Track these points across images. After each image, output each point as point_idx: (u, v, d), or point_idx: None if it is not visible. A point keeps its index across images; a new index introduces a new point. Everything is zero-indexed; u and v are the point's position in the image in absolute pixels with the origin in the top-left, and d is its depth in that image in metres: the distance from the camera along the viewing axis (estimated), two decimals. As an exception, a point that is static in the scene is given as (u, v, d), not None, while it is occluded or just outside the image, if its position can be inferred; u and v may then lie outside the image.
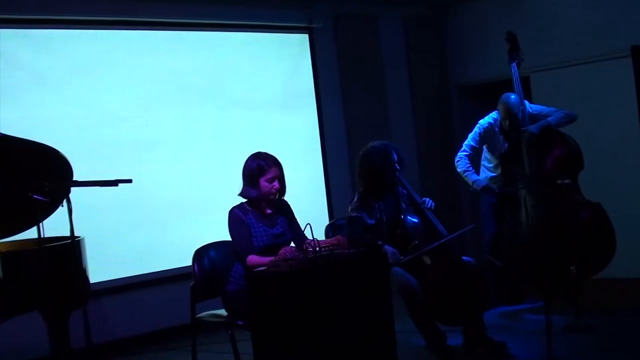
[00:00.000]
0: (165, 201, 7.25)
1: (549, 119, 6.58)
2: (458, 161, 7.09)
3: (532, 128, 6.50)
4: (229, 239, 5.12)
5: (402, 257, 5.50)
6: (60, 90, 6.74)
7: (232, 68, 7.82)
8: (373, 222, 5.55)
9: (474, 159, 7.15)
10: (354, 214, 5.60)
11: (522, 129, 6.52)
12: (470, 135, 7.12)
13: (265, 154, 5.18)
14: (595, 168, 6.88)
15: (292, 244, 5.13)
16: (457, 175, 7.18)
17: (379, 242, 5.36)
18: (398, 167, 5.73)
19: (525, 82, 7.93)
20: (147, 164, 7.14)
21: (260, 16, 8.01)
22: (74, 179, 4.90)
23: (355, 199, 5.75)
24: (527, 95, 7.85)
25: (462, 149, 7.12)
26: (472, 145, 7.07)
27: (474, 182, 6.99)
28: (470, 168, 7.03)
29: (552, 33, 8.28)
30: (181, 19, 7.48)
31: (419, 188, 7.89)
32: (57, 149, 4.87)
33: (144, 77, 7.24)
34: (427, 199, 5.85)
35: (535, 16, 8.42)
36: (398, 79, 9.19)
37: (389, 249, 5.43)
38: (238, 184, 5.17)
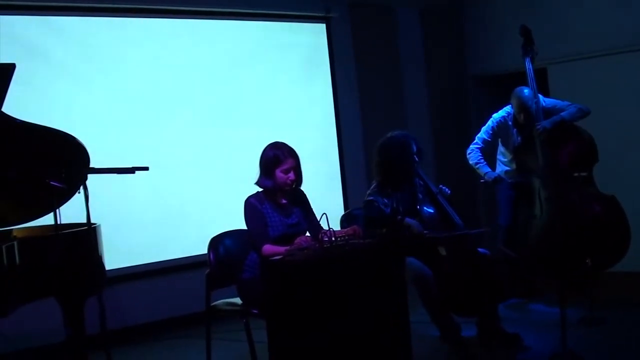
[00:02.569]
0: (181, 189, 7.28)
1: (562, 114, 6.57)
2: (470, 153, 7.10)
3: (545, 123, 6.48)
4: (245, 227, 5.13)
5: (426, 232, 5.49)
6: (78, 77, 6.76)
7: (248, 58, 7.81)
8: (388, 210, 5.54)
9: (488, 153, 7.14)
10: (370, 198, 5.61)
11: (536, 124, 6.50)
12: (484, 129, 7.12)
13: (283, 144, 5.18)
14: (611, 161, 6.86)
15: (308, 234, 5.14)
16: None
17: (399, 217, 5.37)
18: (417, 159, 5.72)
19: (542, 74, 7.92)
20: (164, 152, 7.16)
21: (277, 5, 7.99)
22: (91, 165, 4.91)
23: (373, 186, 5.74)
24: (544, 87, 7.84)
25: (475, 141, 7.13)
26: (485, 139, 7.08)
27: (485, 173, 7.00)
28: (482, 160, 7.04)
29: (570, 25, 8.24)
30: (198, 7, 7.48)
31: (434, 179, 7.87)
32: (74, 135, 4.88)
33: (160, 65, 7.24)
34: (443, 187, 5.84)
35: (553, 8, 8.38)
36: (414, 69, 9.18)
37: (410, 220, 5.44)
38: (254, 172, 5.18)
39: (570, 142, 6.49)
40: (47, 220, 4.92)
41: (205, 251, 5.32)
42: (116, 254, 6.36)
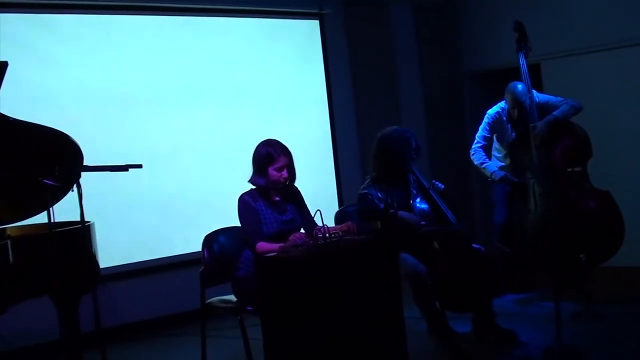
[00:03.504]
0: (175, 186, 7.27)
1: (555, 112, 6.55)
2: (473, 154, 7.09)
3: (540, 124, 6.48)
4: (239, 225, 5.13)
5: (423, 222, 5.49)
6: (71, 75, 6.76)
7: (241, 54, 7.80)
8: (382, 205, 5.54)
9: (488, 149, 7.14)
10: (365, 191, 5.61)
11: (531, 125, 6.49)
12: (481, 127, 7.13)
13: (275, 141, 5.18)
14: (605, 157, 6.86)
15: (302, 231, 5.14)
16: (468, 163, 7.17)
17: (392, 210, 5.36)
18: (414, 156, 5.72)
19: (535, 69, 7.92)
20: (156, 150, 7.14)
21: (270, 1, 7.99)
22: (84, 163, 4.90)
23: (367, 181, 5.74)
24: (538, 83, 7.83)
25: (476, 141, 7.13)
26: (485, 136, 7.08)
27: (492, 173, 6.96)
28: (487, 159, 7.04)
29: (564, 20, 8.23)
30: (190, 4, 7.46)
31: (429, 175, 7.86)
32: (67, 133, 4.87)
33: (151, 63, 7.23)
34: (436, 182, 5.85)
35: (547, 3, 8.37)
36: (408, 66, 9.16)
37: (404, 214, 5.44)
38: (248, 170, 5.18)
39: (564, 138, 6.49)
40: (41, 218, 4.91)
41: (199, 249, 5.31)
42: (110, 252, 6.36)
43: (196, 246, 5.43)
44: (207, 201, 7.35)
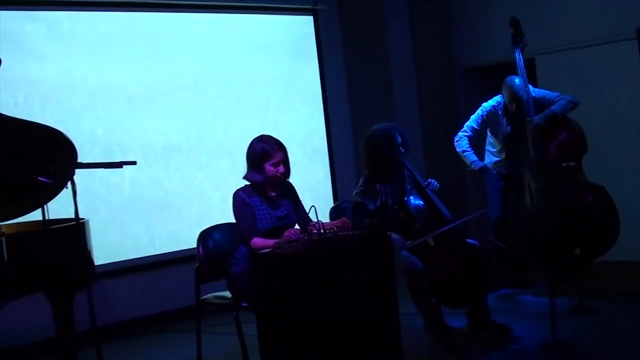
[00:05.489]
0: (169, 183, 7.26)
1: (553, 107, 6.55)
2: (457, 141, 7.02)
3: (538, 119, 6.48)
4: (234, 221, 5.12)
5: (408, 242, 5.49)
6: (64, 72, 6.73)
7: (235, 50, 7.79)
8: (378, 206, 5.54)
9: (475, 142, 7.11)
10: (358, 200, 5.60)
11: (528, 119, 6.50)
12: (473, 117, 7.06)
13: (269, 137, 5.16)
14: (600, 151, 6.86)
15: (297, 227, 5.13)
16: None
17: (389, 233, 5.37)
18: (402, 150, 5.71)
19: (530, 64, 7.91)
20: (152, 146, 7.14)
21: (265, -2, 8.00)
22: (79, 160, 4.89)
23: (361, 182, 5.74)
24: (533, 78, 7.83)
25: (463, 129, 7.04)
26: (473, 127, 7.01)
27: (472, 162, 6.92)
28: (469, 148, 6.97)
29: (558, 15, 8.23)
30: (184, 0, 7.45)
31: (423, 171, 7.86)
32: (61, 130, 4.86)
33: (145, 59, 7.21)
34: (432, 180, 5.85)
35: (541, -2, 8.40)
36: (403, 61, 9.15)
37: (394, 236, 5.44)
38: (243, 166, 5.17)
39: (560, 133, 6.50)
40: (36, 216, 4.90)
41: (194, 245, 5.30)
42: (105, 249, 6.35)
43: (191, 242, 5.42)
44: (202, 197, 7.35)
